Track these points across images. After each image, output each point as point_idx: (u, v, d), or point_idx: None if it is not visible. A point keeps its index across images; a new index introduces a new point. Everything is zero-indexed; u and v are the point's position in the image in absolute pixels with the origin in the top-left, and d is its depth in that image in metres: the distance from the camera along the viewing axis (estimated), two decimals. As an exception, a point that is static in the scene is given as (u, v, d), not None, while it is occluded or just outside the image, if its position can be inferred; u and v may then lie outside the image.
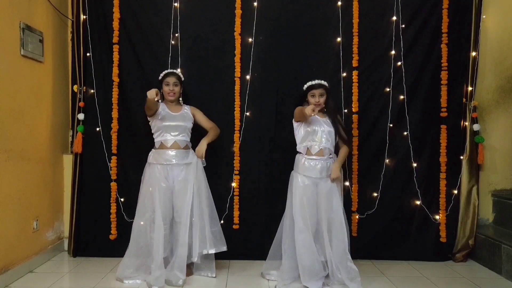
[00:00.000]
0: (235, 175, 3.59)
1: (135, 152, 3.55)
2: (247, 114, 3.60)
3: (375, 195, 3.61)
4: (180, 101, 3.28)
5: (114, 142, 3.58)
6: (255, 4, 3.59)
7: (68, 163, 3.70)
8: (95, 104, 3.60)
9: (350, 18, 3.59)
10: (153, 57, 3.59)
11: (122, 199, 3.60)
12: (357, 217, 3.60)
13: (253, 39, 3.59)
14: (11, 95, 3.01)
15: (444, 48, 3.57)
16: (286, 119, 3.39)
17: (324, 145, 3.00)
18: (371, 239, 3.60)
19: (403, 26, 3.59)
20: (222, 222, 3.56)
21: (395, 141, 3.61)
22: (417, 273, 3.32)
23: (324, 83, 3.10)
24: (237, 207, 3.59)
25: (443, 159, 3.58)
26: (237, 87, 3.58)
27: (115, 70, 3.57)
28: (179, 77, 3.24)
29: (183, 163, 3.11)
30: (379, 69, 3.62)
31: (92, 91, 3.61)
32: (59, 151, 3.70)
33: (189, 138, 3.21)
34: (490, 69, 3.72)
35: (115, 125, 3.57)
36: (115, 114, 3.57)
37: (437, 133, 3.60)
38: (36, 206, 3.33)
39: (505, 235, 3.40)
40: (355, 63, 3.58)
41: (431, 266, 3.47)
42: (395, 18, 3.59)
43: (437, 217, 3.60)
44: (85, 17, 3.58)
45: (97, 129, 3.60)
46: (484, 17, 3.62)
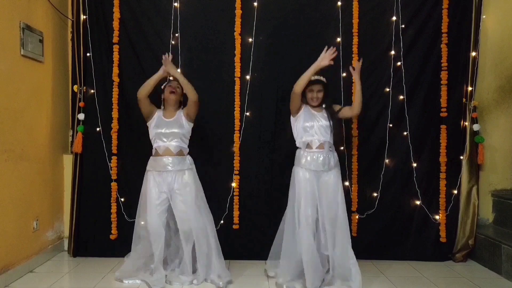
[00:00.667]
0: (235, 175, 3.59)
1: (135, 152, 3.55)
2: (247, 114, 3.61)
3: (375, 195, 3.61)
4: (180, 106, 3.23)
5: (114, 142, 3.58)
6: (255, 4, 3.59)
7: (68, 163, 3.70)
8: (95, 104, 3.60)
9: (350, 18, 3.59)
10: (153, 57, 3.59)
11: (122, 199, 3.60)
12: (357, 217, 3.60)
13: (253, 39, 3.59)
14: (11, 95, 3.01)
15: (444, 48, 3.57)
16: (286, 119, 3.37)
17: (323, 139, 2.99)
18: (371, 239, 3.60)
19: (403, 26, 3.59)
20: (222, 222, 3.57)
21: (395, 141, 3.61)
22: (417, 273, 3.32)
23: (322, 79, 3.09)
24: (237, 207, 3.59)
25: (443, 159, 3.58)
26: (237, 87, 3.58)
27: (115, 70, 3.58)
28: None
29: (177, 169, 3.06)
30: (379, 69, 3.63)
31: (92, 91, 3.61)
32: (59, 151, 3.70)
33: (184, 143, 3.13)
34: (490, 69, 3.72)
35: (115, 125, 3.58)
36: (115, 114, 3.58)
37: (437, 133, 3.60)
38: (36, 206, 3.33)
39: (505, 235, 3.40)
40: (355, 63, 3.58)
41: (431, 266, 3.47)
42: (395, 18, 3.59)
43: (437, 217, 3.60)
44: (85, 17, 3.58)
45: (97, 129, 3.60)
46: (484, 17, 3.62)
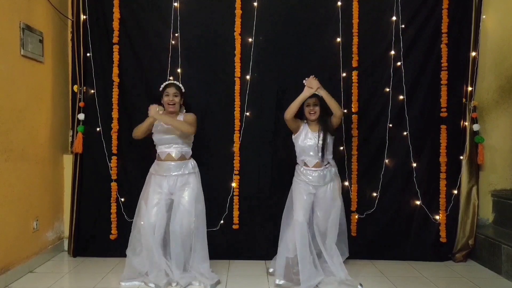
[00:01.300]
0: (235, 175, 3.59)
1: (135, 152, 3.55)
2: (247, 114, 3.61)
3: (375, 195, 3.61)
4: (181, 110, 3.20)
5: (114, 142, 3.58)
6: (255, 4, 3.59)
7: (68, 163, 3.70)
8: (95, 104, 3.60)
9: (350, 18, 3.59)
10: (153, 57, 3.60)
11: (122, 199, 3.60)
12: (356, 217, 3.60)
13: (253, 39, 3.59)
14: (11, 95, 3.01)
15: (444, 48, 3.57)
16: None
17: (319, 157, 3.06)
18: (371, 239, 3.60)
19: (403, 26, 3.59)
20: (222, 222, 3.57)
21: (394, 141, 3.61)
22: (417, 273, 3.32)
23: (317, 93, 3.10)
24: (237, 207, 3.59)
25: (443, 159, 3.58)
26: (237, 87, 3.58)
27: (115, 70, 3.57)
28: (179, 87, 3.17)
29: (180, 174, 3.06)
30: (379, 69, 3.63)
31: (92, 91, 3.61)
32: (59, 151, 3.70)
33: (186, 147, 3.13)
34: (490, 69, 3.72)
35: (115, 125, 3.58)
36: (115, 114, 3.57)
37: (437, 133, 3.60)
38: (36, 206, 3.33)
39: (505, 235, 3.39)
40: (355, 63, 3.59)
41: (431, 266, 3.47)
42: (395, 18, 3.59)
43: (437, 217, 3.60)
44: (85, 17, 3.58)
45: (97, 129, 3.60)
46: (484, 17, 3.62)
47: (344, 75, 3.59)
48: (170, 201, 3.09)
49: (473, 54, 3.56)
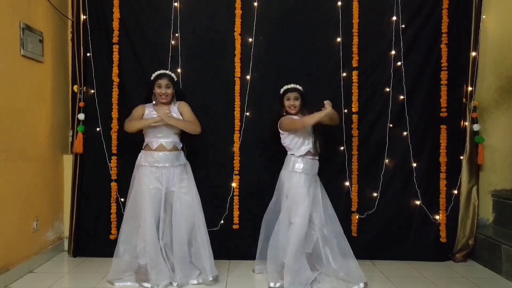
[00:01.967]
0: (235, 175, 3.59)
1: (135, 152, 3.53)
2: (247, 114, 3.60)
3: (375, 195, 3.61)
4: (172, 100, 3.19)
5: (114, 142, 3.58)
6: (255, 4, 3.59)
7: (68, 163, 3.69)
8: (95, 104, 3.60)
9: (350, 18, 3.59)
10: (153, 57, 3.59)
11: (122, 199, 3.59)
12: (357, 217, 3.60)
13: (253, 39, 3.59)
14: (11, 95, 3.01)
15: (444, 48, 3.57)
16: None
17: (307, 149, 3.10)
18: (371, 239, 3.60)
19: (403, 26, 3.59)
20: (222, 222, 3.57)
21: (395, 141, 3.61)
22: (417, 273, 3.32)
23: (298, 87, 3.14)
24: (237, 207, 3.59)
25: (443, 159, 3.58)
26: (237, 87, 3.58)
27: (115, 70, 3.57)
28: (172, 78, 3.15)
29: (172, 165, 3.07)
30: (379, 69, 3.62)
31: (92, 91, 3.61)
32: (59, 151, 3.70)
33: (177, 138, 3.13)
34: (490, 69, 3.72)
35: (115, 125, 3.57)
36: (115, 114, 3.57)
37: (437, 133, 3.60)
38: (36, 206, 3.33)
39: (505, 235, 3.40)
40: (355, 63, 3.58)
41: (431, 266, 3.47)
42: (395, 18, 3.59)
43: (437, 217, 3.60)
44: (85, 17, 3.58)
45: (97, 129, 3.60)
46: (484, 17, 3.62)
47: (344, 75, 3.59)
48: (167, 193, 3.07)
49: (473, 54, 3.56)
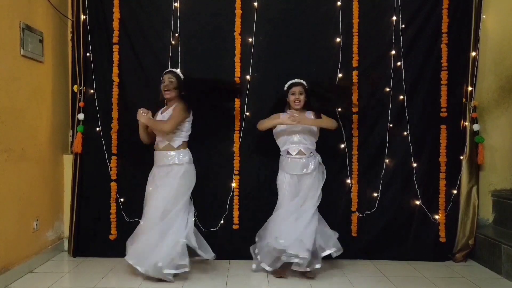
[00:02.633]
0: (235, 175, 3.59)
1: (135, 152, 3.55)
2: (247, 114, 3.60)
3: (375, 195, 3.61)
4: (178, 100, 3.22)
5: (114, 142, 3.58)
6: (255, 4, 3.59)
7: (68, 163, 3.69)
8: (95, 104, 3.60)
9: (350, 18, 3.59)
10: (153, 57, 3.59)
11: (122, 199, 3.59)
12: (357, 217, 3.60)
13: (253, 39, 3.59)
14: (11, 95, 3.01)
15: (444, 48, 3.57)
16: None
17: (302, 146, 3.19)
18: (371, 239, 3.59)
19: (403, 26, 3.59)
20: (222, 222, 3.57)
21: (395, 141, 3.61)
22: (417, 273, 3.32)
23: (302, 82, 3.28)
24: (237, 207, 3.59)
25: (443, 159, 3.58)
26: (237, 87, 3.58)
27: (115, 70, 3.57)
28: (176, 74, 3.22)
29: (170, 163, 3.13)
30: (379, 69, 3.62)
31: (92, 91, 3.61)
32: (59, 151, 3.70)
33: (170, 137, 3.16)
34: (490, 69, 3.72)
35: (115, 125, 3.57)
36: (115, 114, 3.57)
37: (437, 133, 3.60)
38: (36, 206, 3.33)
39: (505, 235, 3.40)
40: (355, 63, 3.59)
41: (431, 266, 3.47)
42: (395, 18, 3.59)
43: (437, 217, 3.60)
44: (85, 17, 3.58)
45: (97, 129, 3.60)
46: (484, 17, 3.62)
47: (344, 75, 3.59)
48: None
49: (473, 54, 3.56)
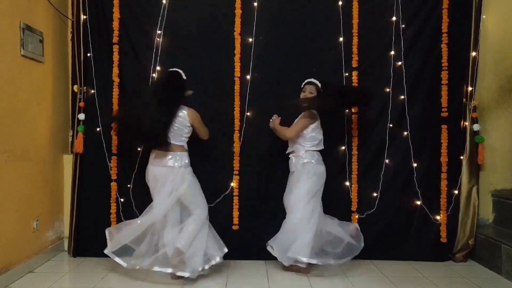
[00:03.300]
0: (235, 175, 3.59)
1: (135, 152, 3.55)
2: (247, 114, 3.61)
3: (375, 195, 3.61)
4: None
5: (114, 142, 3.58)
6: (255, 4, 3.59)
7: (68, 163, 3.69)
8: (95, 104, 3.60)
9: (350, 18, 3.59)
10: (153, 57, 3.59)
11: (122, 200, 3.59)
12: (356, 217, 3.60)
13: (253, 39, 3.59)
14: (11, 95, 3.01)
15: (444, 48, 3.57)
16: (285, 119, 3.39)
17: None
18: (371, 239, 3.57)
19: (403, 26, 3.59)
20: (222, 222, 3.57)
21: (395, 141, 3.61)
22: (417, 273, 3.32)
23: (316, 82, 3.39)
24: (236, 207, 3.59)
25: (444, 159, 3.58)
26: (237, 87, 3.59)
27: (115, 70, 3.57)
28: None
29: (178, 166, 3.08)
30: (379, 69, 3.63)
31: (92, 91, 3.61)
32: (59, 151, 3.70)
33: (184, 139, 3.16)
34: (490, 69, 3.72)
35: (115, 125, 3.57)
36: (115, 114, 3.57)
37: (437, 133, 3.60)
38: (36, 206, 3.33)
39: (505, 235, 3.39)
40: (355, 63, 3.59)
41: (431, 266, 3.47)
42: (395, 18, 3.59)
43: (438, 217, 3.60)
44: (85, 17, 3.58)
45: (97, 129, 3.60)
46: (484, 17, 3.62)
47: (344, 75, 3.59)
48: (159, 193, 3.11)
49: (473, 54, 3.56)
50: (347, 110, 3.57)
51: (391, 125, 3.60)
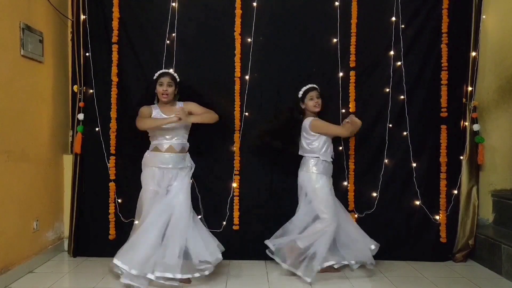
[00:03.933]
0: (235, 175, 3.59)
1: (134, 152, 3.53)
2: (247, 114, 3.60)
3: (375, 195, 3.61)
4: (174, 99, 3.21)
5: (112, 142, 3.57)
6: (255, 4, 3.59)
7: (68, 164, 3.69)
8: (94, 104, 3.60)
9: (349, 18, 3.59)
10: (152, 57, 3.59)
11: (119, 200, 3.59)
12: (355, 216, 3.60)
13: (252, 39, 3.59)
14: (11, 95, 3.01)
15: (444, 48, 3.57)
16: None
17: (332, 154, 3.33)
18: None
19: (403, 26, 3.58)
20: (224, 223, 3.57)
21: (394, 141, 3.61)
22: (417, 273, 3.32)
23: (317, 87, 3.31)
24: (237, 207, 3.59)
25: (443, 159, 3.58)
26: (237, 87, 3.58)
27: (114, 69, 3.57)
28: (174, 77, 3.18)
29: (178, 167, 3.10)
30: (379, 69, 3.62)
31: (91, 91, 3.61)
32: (59, 151, 3.70)
33: (185, 139, 3.16)
34: (490, 69, 3.72)
35: (113, 125, 3.57)
36: (113, 114, 3.57)
37: (437, 133, 3.59)
38: (36, 206, 3.33)
39: (505, 235, 3.39)
40: (354, 63, 3.58)
41: (431, 266, 3.47)
42: (395, 18, 3.59)
43: (437, 217, 3.60)
44: (85, 17, 3.58)
45: (97, 129, 3.60)
46: (484, 17, 3.62)
47: (343, 75, 3.59)
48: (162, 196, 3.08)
49: (473, 54, 3.56)
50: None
51: (391, 125, 3.60)
